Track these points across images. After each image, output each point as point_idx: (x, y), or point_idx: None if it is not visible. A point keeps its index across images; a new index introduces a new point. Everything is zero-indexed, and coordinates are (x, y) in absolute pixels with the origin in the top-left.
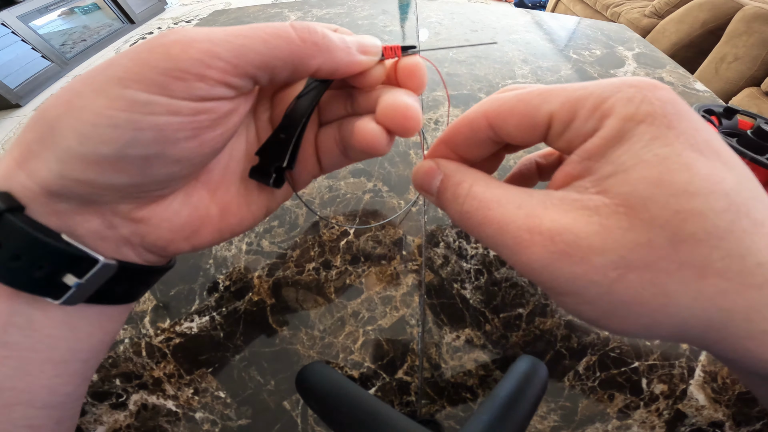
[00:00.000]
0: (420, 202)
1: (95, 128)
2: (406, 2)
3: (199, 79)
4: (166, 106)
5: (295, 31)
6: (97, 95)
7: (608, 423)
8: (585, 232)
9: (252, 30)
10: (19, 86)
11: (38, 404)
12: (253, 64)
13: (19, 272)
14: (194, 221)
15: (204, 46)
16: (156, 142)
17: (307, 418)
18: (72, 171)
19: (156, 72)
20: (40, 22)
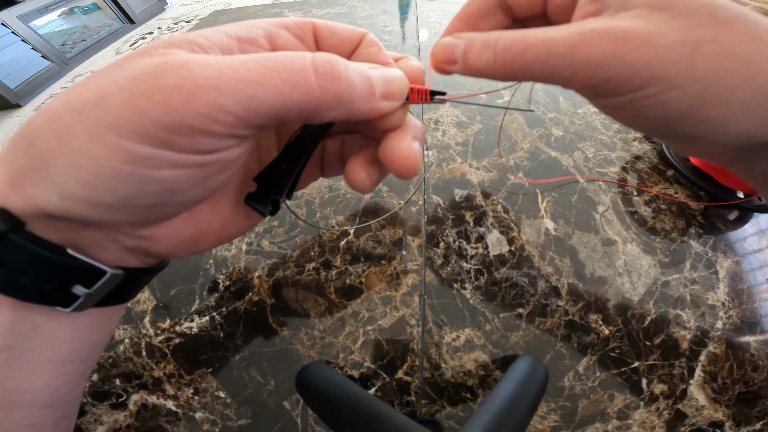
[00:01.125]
0: (420, 202)
1: (97, 177)
2: (406, 2)
3: (204, 135)
4: (171, 161)
5: (317, 77)
6: (92, 140)
7: (608, 423)
8: (635, 25)
9: (267, 75)
10: (19, 86)
11: (40, 404)
12: (264, 117)
13: (29, 287)
14: (196, 235)
15: (210, 96)
16: (163, 193)
17: (307, 418)
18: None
19: (156, 126)
20: (40, 22)
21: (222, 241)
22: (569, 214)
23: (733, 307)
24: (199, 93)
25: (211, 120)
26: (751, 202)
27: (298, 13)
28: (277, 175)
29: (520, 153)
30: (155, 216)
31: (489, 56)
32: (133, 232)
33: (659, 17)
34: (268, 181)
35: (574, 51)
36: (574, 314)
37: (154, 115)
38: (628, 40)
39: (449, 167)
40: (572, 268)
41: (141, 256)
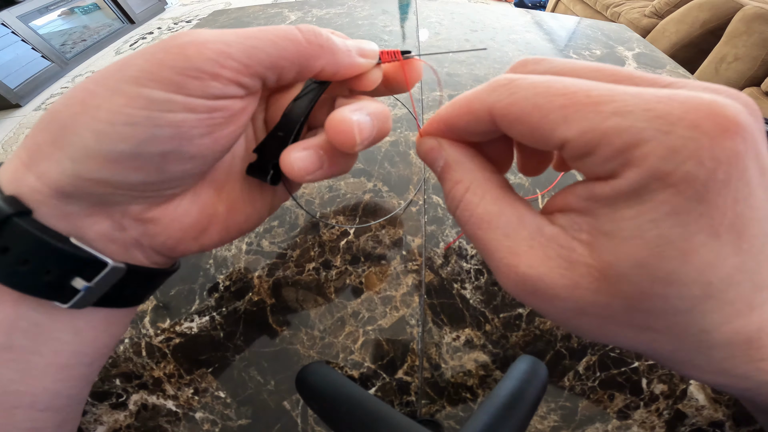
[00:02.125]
0: (420, 202)
1: (113, 126)
2: (406, 2)
3: (213, 78)
4: (183, 104)
5: (302, 33)
6: (113, 94)
7: (608, 423)
8: (556, 284)
9: (262, 32)
10: (19, 86)
11: (41, 407)
12: (263, 64)
13: (28, 276)
14: (203, 220)
15: (218, 46)
16: (173, 138)
17: (307, 418)
18: (87, 170)
19: (173, 71)
20: (40, 22)
21: (230, 232)
22: None
23: None
24: (209, 44)
25: (219, 65)
26: None
27: (298, 13)
28: (275, 142)
29: None
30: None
31: (451, 207)
32: (142, 213)
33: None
34: (266, 150)
35: (498, 276)
36: None
37: (171, 62)
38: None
39: None
40: None
41: (148, 251)
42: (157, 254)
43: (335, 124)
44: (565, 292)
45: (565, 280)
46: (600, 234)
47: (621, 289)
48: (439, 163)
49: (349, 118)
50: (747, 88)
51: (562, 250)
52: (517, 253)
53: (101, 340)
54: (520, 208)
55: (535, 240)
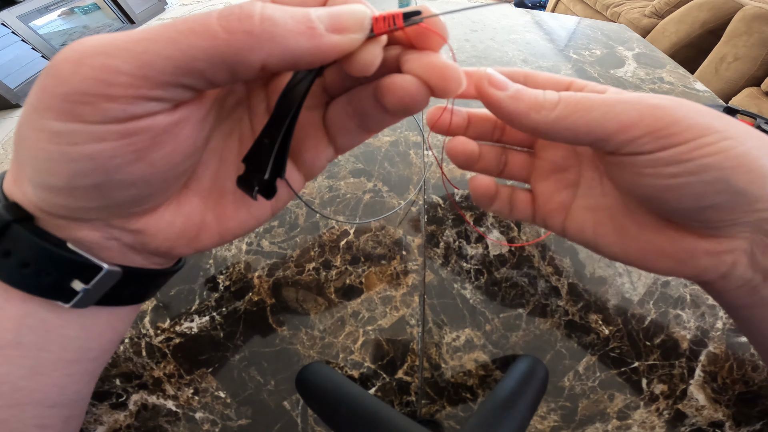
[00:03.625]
0: (420, 202)
1: (38, 162)
2: (406, 2)
3: (105, 100)
4: (88, 134)
5: (219, 21)
6: (28, 126)
7: (608, 423)
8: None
9: (160, 30)
10: (19, 86)
11: (49, 403)
12: (166, 71)
13: (30, 278)
14: (190, 229)
15: (96, 61)
16: (96, 170)
17: (307, 418)
18: (44, 197)
19: (57, 98)
20: (40, 22)
21: (224, 237)
22: None
23: None
24: (85, 59)
25: (104, 83)
26: None
27: None
28: (262, 151)
29: None
30: (114, 199)
31: (553, 97)
32: (124, 225)
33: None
34: (254, 160)
35: (642, 98)
36: (574, 314)
37: (51, 89)
38: (674, 101)
39: (449, 167)
40: (572, 268)
41: (144, 253)
42: (155, 256)
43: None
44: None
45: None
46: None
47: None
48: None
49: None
50: (747, 88)
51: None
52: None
53: (106, 336)
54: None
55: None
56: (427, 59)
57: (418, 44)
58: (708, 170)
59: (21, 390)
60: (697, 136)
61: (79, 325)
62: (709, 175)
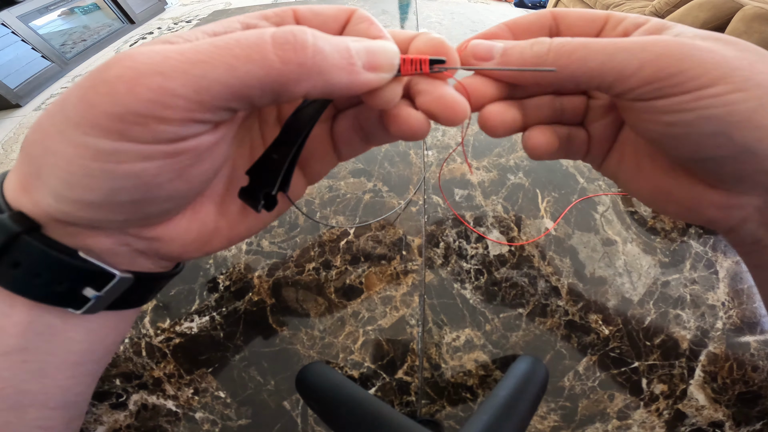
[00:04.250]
0: (420, 202)
1: (74, 177)
2: (406, 2)
3: (159, 122)
4: (136, 153)
5: (275, 48)
6: (62, 140)
7: (608, 423)
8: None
9: (217, 53)
10: (19, 86)
11: (51, 405)
12: (221, 97)
13: (41, 287)
14: (204, 235)
15: (154, 82)
16: (138, 188)
17: (307, 418)
18: (68, 209)
19: (108, 118)
20: (40, 22)
21: (233, 241)
22: (569, 213)
23: (733, 307)
24: (142, 79)
25: (160, 105)
26: None
27: None
28: (269, 165)
29: (520, 153)
30: (147, 213)
31: (541, 49)
32: (140, 233)
33: (716, 42)
34: (260, 173)
35: (646, 46)
36: (574, 314)
37: (102, 107)
38: (696, 46)
39: (449, 167)
40: (572, 268)
41: (154, 258)
42: (163, 260)
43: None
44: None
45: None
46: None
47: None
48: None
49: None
50: None
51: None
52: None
53: (109, 338)
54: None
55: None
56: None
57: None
58: (707, 122)
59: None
60: (703, 86)
61: (85, 328)
62: (708, 127)
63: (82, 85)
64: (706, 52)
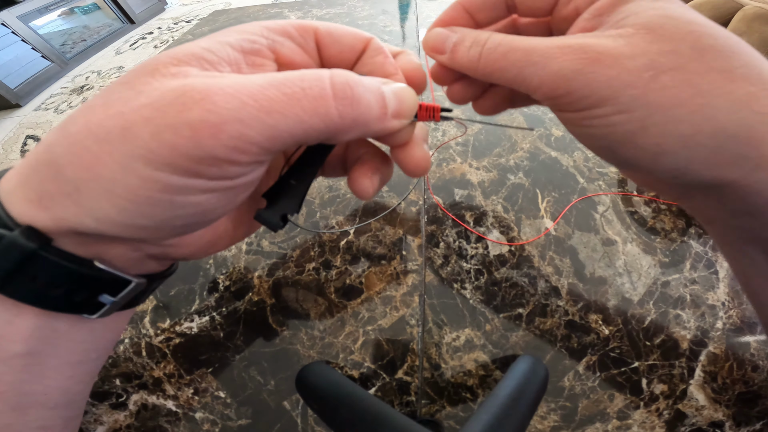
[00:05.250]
0: (420, 202)
1: (134, 205)
2: (406, 2)
3: (231, 164)
4: (202, 188)
5: (336, 102)
6: (125, 171)
7: (608, 423)
8: (614, 45)
9: (288, 103)
10: (19, 86)
11: (51, 405)
12: (286, 144)
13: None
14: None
15: (235, 129)
16: (195, 215)
17: (307, 418)
18: (110, 230)
19: (186, 159)
20: (40, 22)
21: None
22: (569, 213)
23: (733, 307)
24: (225, 127)
25: (238, 151)
26: None
27: (298, 13)
28: (287, 191)
29: (520, 153)
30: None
31: (475, 54)
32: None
33: (641, 39)
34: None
35: (548, 61)
36: (574, 314)
37: (184, 150)
38: (597, 59)
39: (449, 167)
40: (572, 268)
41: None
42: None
43: (417, 161)
44: (628, 50)
45: (620, 41)
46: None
47: (672, 32)
48: (450, 39)
49: (428, 155)
50: None
51: (600, 35)
52: (562, 40)
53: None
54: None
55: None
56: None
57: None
58: (595, 139)
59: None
60: (589, 106)
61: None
62: (597, 142)
63: (155, 121)
64: (604, 67)
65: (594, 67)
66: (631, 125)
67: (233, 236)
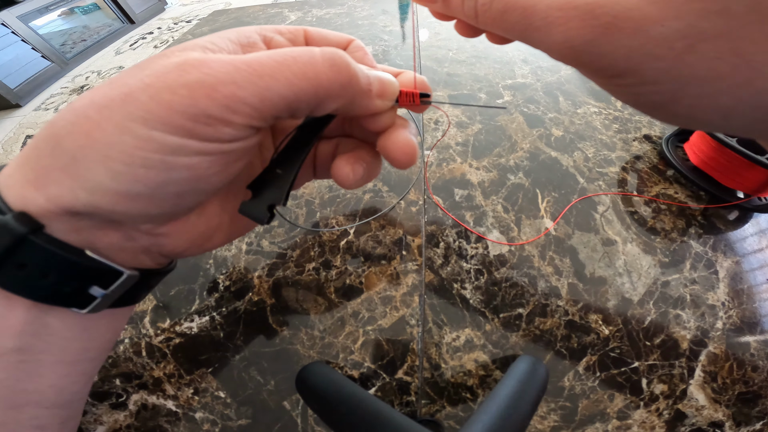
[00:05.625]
0: (420, 202)
1: (128, 167)
2: (406, 2)
3: (225, 125)
4: (197, 149)
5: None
6: (121, 133)
7: (608, 423)
8: (635, 3)
9: (279, 69)
10: (19, 86)
11: (47, 404)
12: (277, 107)
13: (48, 288)
14: (209, 231)
15: (229, 90)
16: (189, 180)
17: (307, 418)
18: (103, 203)
19: (182, 117)
20: (40, 22)
21: (231, 237)
22: (569, 213)
23: (733, 307)
24: (220, 86)
25: (231, 110)
26: (751, 202)
27: (298, 13)
28: (273, 181)
29: (520, 153)
30: (180, 207)
31: (470, 10)
32: (153, 230)
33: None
34: (263, 187)
35: (550, 29)
36: (574, 314)
37: (180, 108)
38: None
39: (449, 167)
40: (572, 268)
41: (155, 255)
42: (163, 257)
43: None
44: (655, 10)
45: (653, 8)
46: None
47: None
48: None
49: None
50: None
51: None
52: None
53: (105, 336)
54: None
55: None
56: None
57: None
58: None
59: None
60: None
61: (81, 327)
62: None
63: (154, 85)
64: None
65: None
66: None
67: (229, 232)
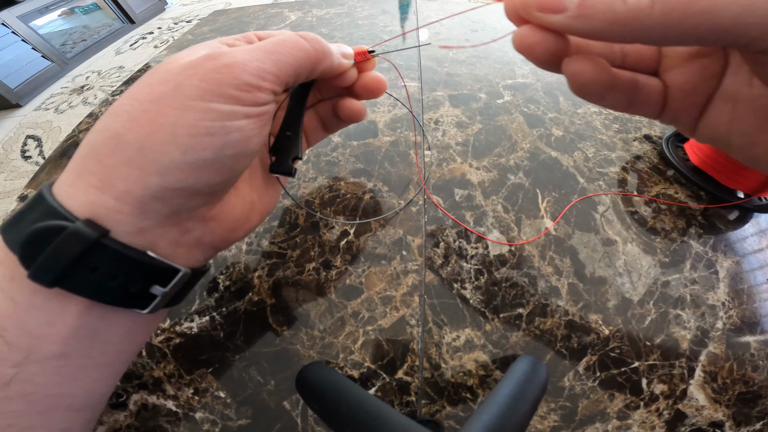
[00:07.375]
0: (420, 202)
1: (195, 138)
2: (406, 2)
3: (259, 90)
4: (243, 113)
5: (308, 42)
6: (185, 111)
7: (608, 423)
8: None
9: (281, 46)
10: (19, 86)
11: (76, 407)
12: (288, 73)
13: (116, 289)
14: (246, 209)
15: (255, 65)
16: (240, 142)
17: (307, 418)
18: (176, 180)
19: (231, 87)
20: (40, 22)
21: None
22: (569, 213)
23: (733, 307)
24: (249, 64)
25: (262, 78)
26: (752, 202)
27: (298, 14)
28: (287, 141)
29: (520, 153)
30: (234, 172)
31: (641, 7)
32: (206, 212)
33: None
34: (281, 149)
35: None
36: (574, 314)
37: (227, 81)
38: None
39: (449, 167)
40: (572, 268)
41: (206, 248)
42: (212, 249)
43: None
44: None
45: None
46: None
47: None
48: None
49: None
50: None
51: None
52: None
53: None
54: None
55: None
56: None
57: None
58: None
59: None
60: None
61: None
62: None
63: (199, 71)
64: None
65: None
66: None
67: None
